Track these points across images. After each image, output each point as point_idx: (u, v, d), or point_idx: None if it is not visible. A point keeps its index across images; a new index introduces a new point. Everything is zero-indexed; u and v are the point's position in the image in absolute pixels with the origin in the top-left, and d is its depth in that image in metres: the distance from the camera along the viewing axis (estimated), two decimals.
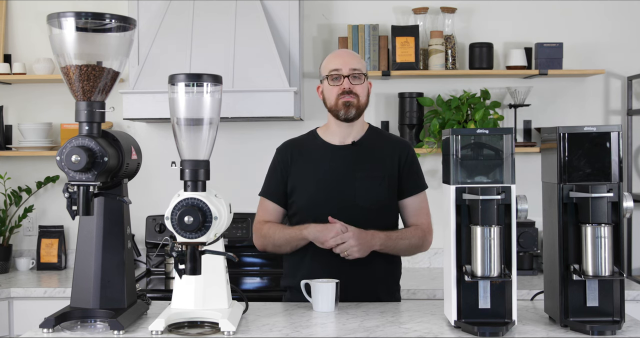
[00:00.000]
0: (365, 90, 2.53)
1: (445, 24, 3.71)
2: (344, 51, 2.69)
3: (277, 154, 2.64)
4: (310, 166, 2.56)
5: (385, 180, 2.53)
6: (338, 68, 2.51)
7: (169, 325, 2.01)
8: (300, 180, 2.56)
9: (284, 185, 2.58)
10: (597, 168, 2.00)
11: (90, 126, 1.99)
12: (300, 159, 2.58)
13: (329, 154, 2.57)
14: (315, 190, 2.53)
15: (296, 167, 2.57)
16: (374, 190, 2.51)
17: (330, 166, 2.54)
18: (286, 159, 2.59)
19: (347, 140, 2.57)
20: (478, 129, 2.02)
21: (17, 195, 3.75)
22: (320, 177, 2.53)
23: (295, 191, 2.56)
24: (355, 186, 2.51)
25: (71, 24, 1.95)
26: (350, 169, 2.53)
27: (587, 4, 3.78)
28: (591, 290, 2.01)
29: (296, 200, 2.56)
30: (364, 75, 2.52)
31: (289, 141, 2.67)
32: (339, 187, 2.51)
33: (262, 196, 2.64)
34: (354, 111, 2.50)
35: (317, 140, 2.61)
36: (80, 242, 2.08)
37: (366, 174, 2.52)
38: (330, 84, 2.52)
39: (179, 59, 3.43)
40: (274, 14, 3.58)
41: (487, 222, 1.96)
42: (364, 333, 2.01)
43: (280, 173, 2.59)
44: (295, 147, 2.62)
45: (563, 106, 3.79)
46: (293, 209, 2.58)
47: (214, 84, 2.04)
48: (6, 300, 3.25)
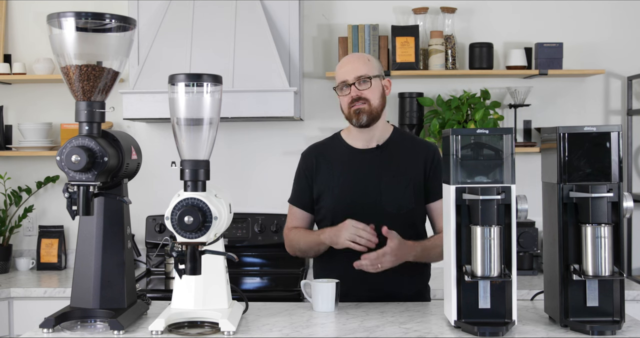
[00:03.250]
0: (376, 93, 2.50)
1: (445, 24, 3.71)
2: (349, 58, 2.59)
3: (302, 160, 2.64)
4: (335, 171, 2.55)
5: (411, 183, 2.51)
6: (344, 79, 2.50)
7: (169, 325, 2.01)
8: (326, 186, 2.55)
9: (310, 191, 2.58)
10: (597, 168, 2.00)
11: (90, 126, 1.99)
12: (325, 163, 2.57)
13: (354, 157, 2.55)
14: (341, 194, 2.52)
15: (322, 173, 2.57)
16: (399, 194, 2.49)
17: (356, 170, 2.53)
18: (311, 165, 2.59)
19: (371, 144, 2.56)
20: (478, 129, 2.02)
21: (17, 195, 3.74)
22: (346, 181, 2.52)
23: (322, 196, 2.56)
24: (381, 190, 2.49)
25: (71, 24, 1.95)
26: (376, 173, 2.51)
27: (587, 4, 3.78)
28: (591, 290, 2.01)
29: (323, 206, 2.56)
30: (371, 78, 2.49)
31: (313, 146, 2.67)
32: (365, 191, 2.50)
33: (290, 203, 2.65)
34: (366, 117, 2.48)
35: (341, 144, 2.60)
36: (80, 242, 2.08)
37: (392, 178, 2.50)
38: (340, 95, 2.53)
39: (179, 59, 3.43)
40: (274, 14, 3.58)
41: (487, 222, 1.96)
42: (364, 333, 2.01)
43: (306, 179, 2.59)
44: (320, 152, 2.61)
45: (563, 106, 3.79)
46: (321, 215, 2.58)
47: (214, 84, 2.04)
48: (6, 300, 3.25)
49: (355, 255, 2.36)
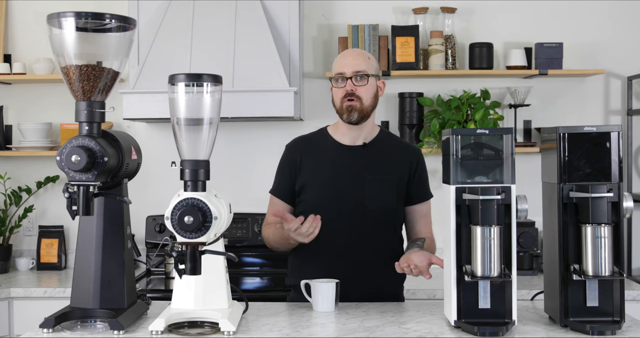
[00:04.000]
0: (370, 92, 2.49)
1: (445, 24, 3.71)
2: (350, 52, 2.59)
3: (287, 151, 2.62)
4: (320, 165, 2.55)
5: (395, 184, 2.51)
6: (341, 71, 2.49)
7: (169, 325, 2.01)
8: (309, 179, 2.54)
9: (293, 183, 2.57)
10: (597, 168, 2.00)
11: (90, 126, 1.99)
12: (310, 157, 2.56)
13: (339, 153, 2.55)
14: (324, 189, 2.51)
15: (306, 166, 2.55)
16: (383, 192, 2.50)
17: (341, 166, 2.53)
18: (295, 157, 2.57)
19: (357, 141, 2.56)
20: (478, 129, 2.02)
21: (17, 195, 3.74)
22: (330, 176, 2.52)
23: (304, 189, 2.54)
24: (365, 188, 2.50)
25: (71, 24, 1.95)
26: (361, 170, 2.52)
27: (587, 4, 3.78)
28: (591, 290, 2.01)
29: (305, 199, 2.54)
30: (369, 76, 2.48)
31: (299, 138, 2.65)
32: (349, 187, 2.50)
33: (271, 194, 2.63)
34: (356, 115, 2.48)
35: (327, 138, 2.59)
36: (80, 242, 2.08)
37: (376, 177, 2.51)
38: (335, 87, 2.52)
39: (179, 59, 3.43)
40: (274, 14, 3.58)
41: (487, 222, 1.96)
42: (364, 333, 2.01)
43: (289, 171, 2.57)
44: (305, 145, 2.60)
45: (563, 106, 3.79)
46: (301, 207, 2.56)
47: (214, 84, 2.04)
48: (6, 300, 3.25)
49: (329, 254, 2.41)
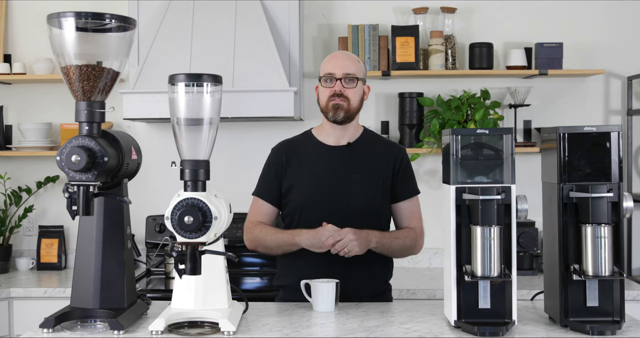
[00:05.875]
0: (357, 95, 2.52)
1: (445, 24, 3.71)
2: (341, 54, 2.65)
3: (272, 154, 2.64)
4: (305, 167, 2.56)
5: (380, 182, 2.53)
6: (332, 72, 2.52)
7: (169, 325, 2.01)
8: (295, 181, 2.55)
9: (279, 185, 2.58)
10: (597, 168, 2.00)
11: (90, 126, 1.99)
12: (296, 159, 2.58)
13: (324, 154, 2.57)
14: (310, 190, 2.53)
15: (292, 168, 2.57)
16: (368, 191, 2.52)
17: (326, 166, 2.55)
18: (281, 160, 2.59)
19: (342, 141, 2.58)
20: (478, 129, 2.02)
21: (17, 195, 3.74)
22: (316, 177, 2.54)
23: (290, 191, 2.56)
24: (350, 187, 2.51)
25: (71, 24, 1.95)
26: (345, 170, 2.53)
27: (587, 4, 3.78)
28: (591, 290, 2.01)
29: (291, 200, 2.56)
30: (358, 79, 2.52)
31: (284, 142, 2.67)
32: (334, 187, 2.52)
33: (255, 196, 2.63)
34: (342, 114, 2.50)
35: (312, 140, 2.62)
36: (80, 242, 2.08)
37: (361, 176, 2.53)
38: (323, 86, 2.54)
39: (179, 59, 3.43)
40: (274, 14, 3.58)
41: (487, 222, 1.96)
42: (364, 333, 2.01)
43: (275, 173, 2.59)
44: (291, 148, 2.62)
45: (563, 106, 3.79)
46: (287, 209, 2.57)
47: (214, 84, 2.04)
48: (6, 300, 3.25)
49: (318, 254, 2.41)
